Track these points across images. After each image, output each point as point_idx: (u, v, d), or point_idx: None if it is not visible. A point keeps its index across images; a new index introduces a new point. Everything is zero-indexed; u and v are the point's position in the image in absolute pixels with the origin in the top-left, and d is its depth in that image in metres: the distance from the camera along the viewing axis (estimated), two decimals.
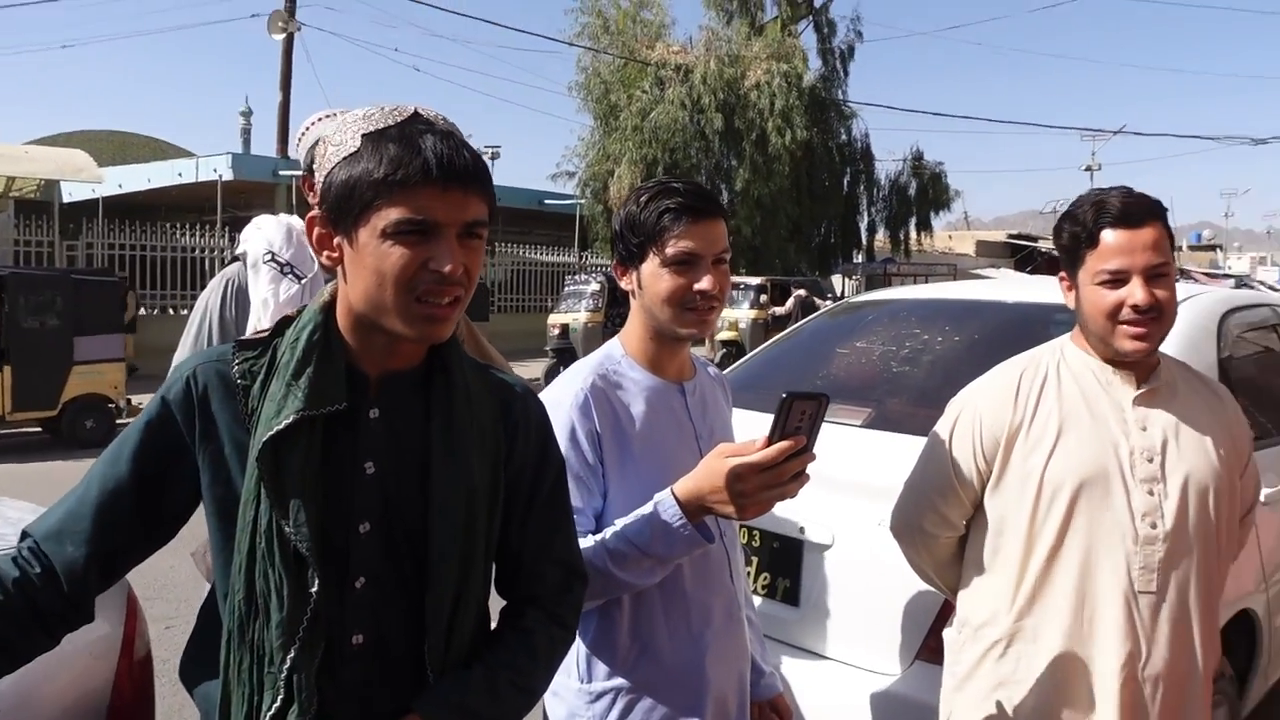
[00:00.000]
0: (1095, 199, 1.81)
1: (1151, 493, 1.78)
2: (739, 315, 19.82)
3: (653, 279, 1.68)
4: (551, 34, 24.92)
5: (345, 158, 1.17)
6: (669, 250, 1.65)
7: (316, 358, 1.19)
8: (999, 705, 1.85)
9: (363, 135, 1.17)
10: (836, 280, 29.37)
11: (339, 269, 1.22)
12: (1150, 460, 1.80)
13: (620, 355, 1.77)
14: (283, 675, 1.14)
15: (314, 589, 1.15)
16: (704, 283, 1.66)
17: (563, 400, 1.67)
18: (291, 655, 1.14)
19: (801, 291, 19.16)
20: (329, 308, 1.24)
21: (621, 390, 1.72)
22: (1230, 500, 1.89)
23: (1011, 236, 43.36)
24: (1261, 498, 2.48)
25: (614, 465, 1.67)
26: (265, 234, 2.39)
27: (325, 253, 1.22)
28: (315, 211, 1.22)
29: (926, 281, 19.07)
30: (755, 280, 20.86)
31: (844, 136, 27.49)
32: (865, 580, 2.54)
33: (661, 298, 1.67)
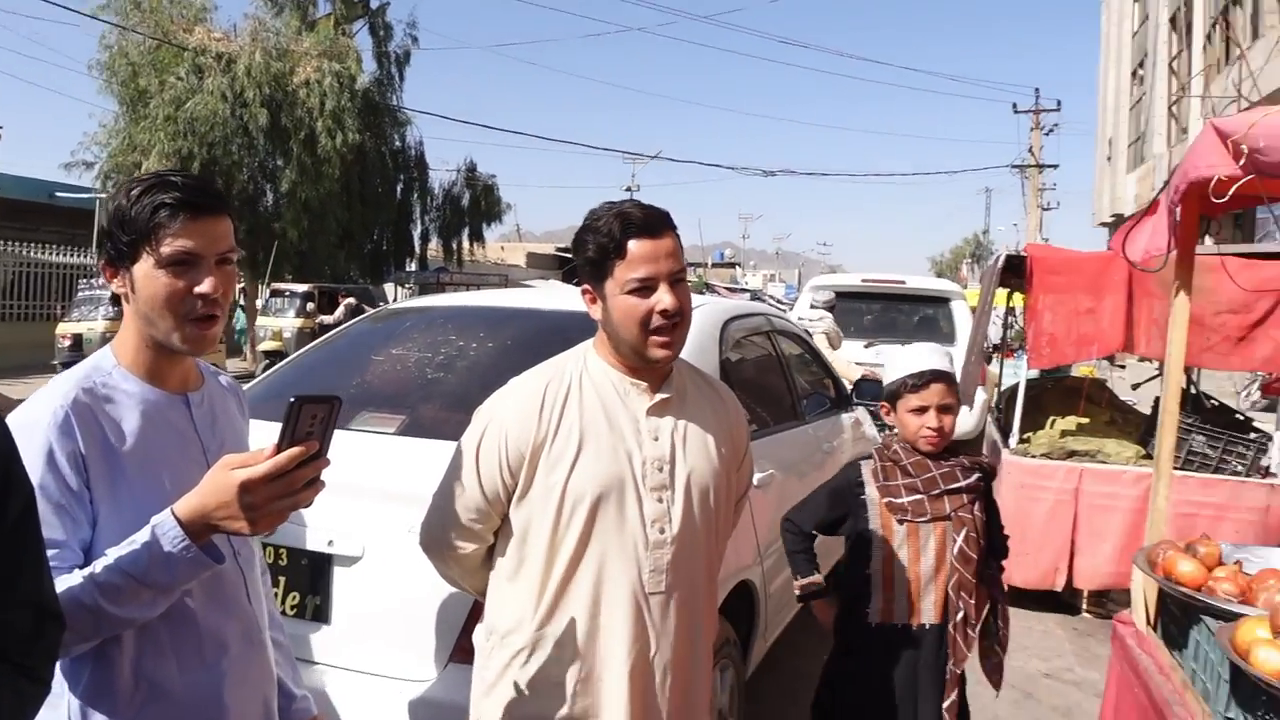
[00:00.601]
0: (615, 212, 1.88)
1: (661, 500, 1.92)
2: (284, 324, 18.96)
3: (147, 281, 1.51)
4: (70, 3, 21.76)
5: None
6: (165, 249, 1.49)
7: None
8: (524, 710, 1.91)
9: None
10: (389, 288, 29.08)
11: None
12: (660, 469, 1.93)
13: (111, 366, 1.57)
14: None
15: None
16: (205, 285, 1.52)
17: (39, 419, 1.45)
18: None
19: (351, 300, 18.67)
20: None
21: (112, 404, 1.53)
22: (728, 493, 2.10)
23: (560, 249, 45.75)
24: (755, 482, 2.81)
25: (104, 489, 1.47)
26: None
27: None
28: None
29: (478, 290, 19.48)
30: (302, 287, 20.06)
31: (398, 143, 27.20)
32: (398, 588, 2.51)
33: (158, 302, 1.51)
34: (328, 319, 18.09)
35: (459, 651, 2.42)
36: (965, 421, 9.08)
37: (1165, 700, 2.31)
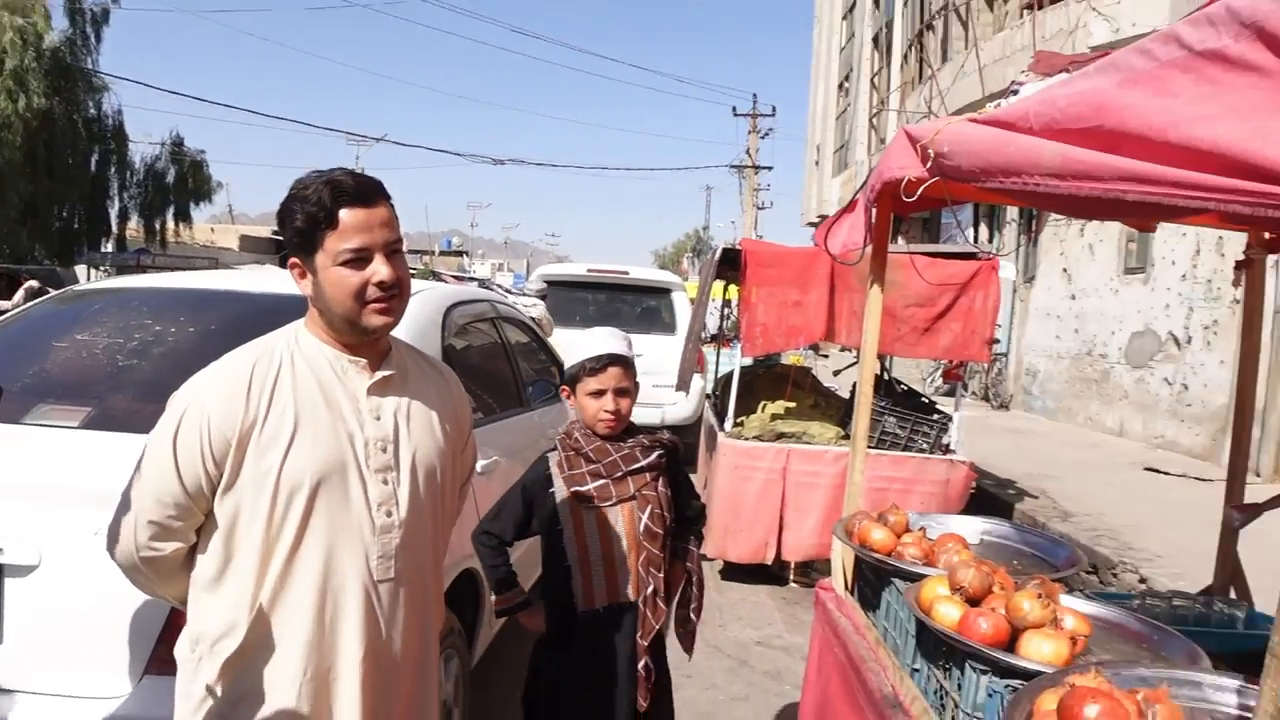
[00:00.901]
0: (325, 180, 1.77)
1: (386, 481, 1.84)
2: None
3: None
4: None
5: None
6: None
7: None
8: None
9: None
10: (81, 271, 26.50)
11: None
12: (384, 450, 1.84)
13: None
14: None
15: None
16: None
17: None
18: None
19: (34, 283, 16.76)
20: None
21: None
22: (453, 476, 2.05)
23: (277, 232, 43.37)
24: (479, 468, 2.78)
25: None
26: None
27: None
28: None
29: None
30: None
31: (93, 110, 24.83)
32: (81, 598, 2.28)
33: None
34: (4, 304, 16.20)
35: (155, 662, 2.23)
36: (683, 407, 9.47)
37: (861, 657, 2.50)
